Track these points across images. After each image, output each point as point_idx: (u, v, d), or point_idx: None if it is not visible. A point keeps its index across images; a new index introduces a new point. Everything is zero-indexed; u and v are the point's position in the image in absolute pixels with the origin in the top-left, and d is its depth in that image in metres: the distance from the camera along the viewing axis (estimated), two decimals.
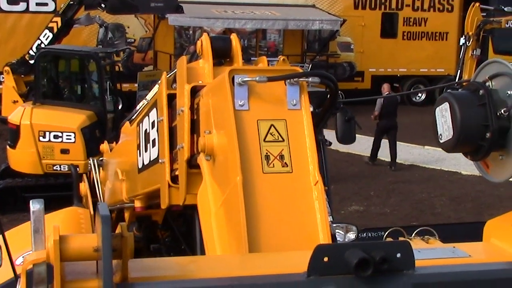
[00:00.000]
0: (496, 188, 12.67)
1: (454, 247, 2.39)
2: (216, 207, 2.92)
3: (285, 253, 2.49)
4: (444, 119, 2.25)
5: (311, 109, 3.07)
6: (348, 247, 1.92)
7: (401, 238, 2.33)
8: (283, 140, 2.84)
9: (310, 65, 24.05)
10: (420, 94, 26.36)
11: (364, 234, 6.61)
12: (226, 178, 2.82)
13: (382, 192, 13.77)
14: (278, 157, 2.81)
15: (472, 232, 2.67)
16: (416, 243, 2.86)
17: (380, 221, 11.21)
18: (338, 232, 5.58)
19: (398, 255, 1.94)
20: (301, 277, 1.92)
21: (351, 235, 5.71)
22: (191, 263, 2.35)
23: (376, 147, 16.27)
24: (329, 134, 7.03)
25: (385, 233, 6.09)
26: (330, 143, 7.13)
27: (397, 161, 16.27)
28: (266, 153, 2.80)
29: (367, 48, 26.54)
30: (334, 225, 5.31)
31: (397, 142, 16.87)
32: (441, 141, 2.28)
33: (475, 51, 20.43)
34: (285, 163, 2.81)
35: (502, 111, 2.17)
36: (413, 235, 3.06)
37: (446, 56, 27.21)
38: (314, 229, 2.71)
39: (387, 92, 16.53)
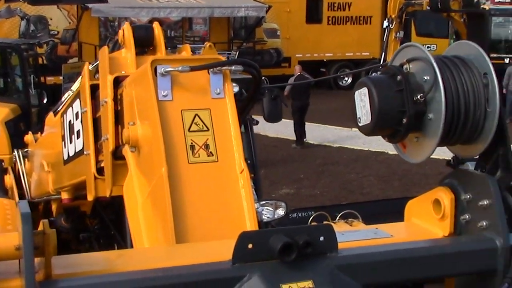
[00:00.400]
0: (421, 167, 12.96)
1: (376, 228, 2.45)
2: (142, 199, 2.91)
3: (212, 242, 2.51)
4: (363, 103, 2.29)
5: (237, 89, 3.06)
6: (272, 233, 1.95)
7: (325, 222, 2.38)
8: (208, 130, 2.85)
9: (237, 53, 24.06)
10: (346, 78, 26.68)
11: (294, 215, 6.64)
12: (151, 170, 2.81)
13: (312, 174, 13.94)
14: (203, 147, 2.82)
15: (398, 207, 2.71)
16: (340, 226, 2.91)
17: (311, 202, 11.33)
18: (267, 209, 5.58)
19: (321, 238, 1.98)
20: (226, 265, 1.93)
21: (281, 211, 5.72)
22: (117, 257, 2.34)
23: (299, 129, 16.63)
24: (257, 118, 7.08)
25: (314, 213, 6.17)
26: (257, 122, 7.17)
27: (326, 143, 16.55)
28: (191, 143, 2.80)
29: (293, 34, 26.70)
30: (263, 202, 5.34)
31: (325, 125, 17.18)
32: (360, 124, 2.32)
33: (398, 33, 20.70)
34: (211, 152, 2.82)
35: (419, 96, 2.21)
36: (337, 218, 3.11)
37: (370, 40, 27.59)
38: (241, 217, 2.73)
39: (299, 73, 17.14)
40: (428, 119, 2.21)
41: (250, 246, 1.92)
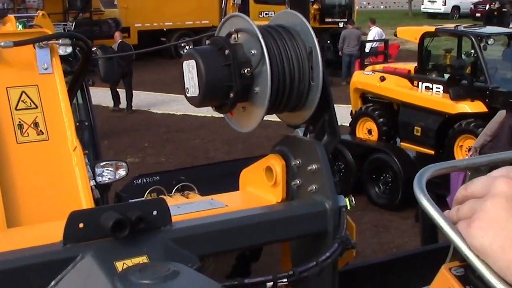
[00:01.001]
0: (264, 129, 13.24)
1: (212, 199, 2.47)
2: None
3: (45, 224, 2.44)
4: (191, 75, 2.28)
5: (70, 49, 2.96)
6: (103, 210, 1.92)
7: (162, 196, 2.37)
8: (37, 107, 2.76)
9: (74, 24, 23.35)
10: (187, 47, 26.53)
11: (139, 180, 6.56)
12: None
13: (156, 142, 13.92)
14: (32, 125, 2.73)
15: (239, 168, 2.73)
16: (177, 199, 2.92)
17: (156, 169, 11.31)
18: (108, 170, 5.47)
19: (154, 212, 1.96)
20: (57, 246, 1.88)
21: (122, 172, 5.62)
22: None
23: (114, 94, 16.84)
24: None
25: (159, 178, 6.15)
26: (93, 82, 7.03)
27: (169, 112, 16.55)
28: (19, 122, 2.71)
29: (131, 3, 26.19)
30: (103, 163, 5.26)
31: (168, 94, 17.19)
32: (188, 95, 2.31)
33: (236, 0, 20.89)
34: (41, 130, 2.74)
35: (246, 71, 2.22)
36: (173, 191, 3.11)
37: (209, 8, 27.53)
38: (76, 196, 2.68)
39: (120, 40, 17.09)
40: (254, 92, 2.24)
41: (81, 225, 1.88)
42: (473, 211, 0.89)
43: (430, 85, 10.60)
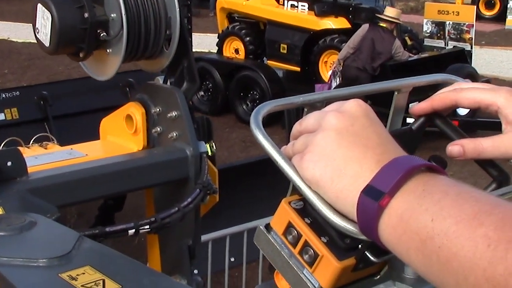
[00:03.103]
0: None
1: (71, 149, 2.43)
2: None
3: None
4: (44, 22, 2.19)
5: None
6: None
7: (18, 147, 2.30)
8: None
9: None
10: None
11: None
12: None
13: (17, 69, 13.48)
14: None
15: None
16: (35, 150, 2.84)
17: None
18: None
19: (9, 163, 1.91)
20: None
21: None
22: None
23: None
24: None
25: (19, 93, 5.98)
26: None
27: (31, 41, 15.98)
28: None
29: None
30: None
31: (30, 24, 16.70)
32: (37, 36, 2.23)
33: None
34: None
35: (102, 35, 2.14)
36: (31, 142, 3.03)
37: None
38: None
39: None
40: (107, 52, 2.20)
41: None
42: (306, 145, 0.92)
43: (295, 3, 10.68)
